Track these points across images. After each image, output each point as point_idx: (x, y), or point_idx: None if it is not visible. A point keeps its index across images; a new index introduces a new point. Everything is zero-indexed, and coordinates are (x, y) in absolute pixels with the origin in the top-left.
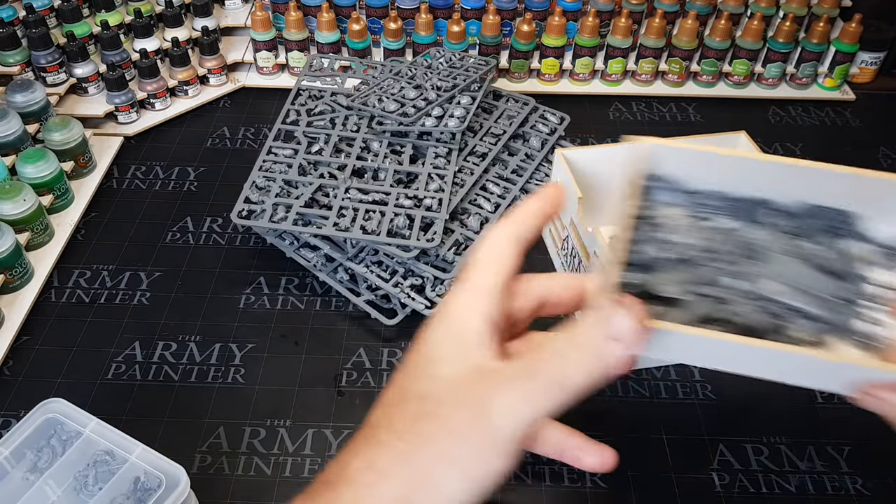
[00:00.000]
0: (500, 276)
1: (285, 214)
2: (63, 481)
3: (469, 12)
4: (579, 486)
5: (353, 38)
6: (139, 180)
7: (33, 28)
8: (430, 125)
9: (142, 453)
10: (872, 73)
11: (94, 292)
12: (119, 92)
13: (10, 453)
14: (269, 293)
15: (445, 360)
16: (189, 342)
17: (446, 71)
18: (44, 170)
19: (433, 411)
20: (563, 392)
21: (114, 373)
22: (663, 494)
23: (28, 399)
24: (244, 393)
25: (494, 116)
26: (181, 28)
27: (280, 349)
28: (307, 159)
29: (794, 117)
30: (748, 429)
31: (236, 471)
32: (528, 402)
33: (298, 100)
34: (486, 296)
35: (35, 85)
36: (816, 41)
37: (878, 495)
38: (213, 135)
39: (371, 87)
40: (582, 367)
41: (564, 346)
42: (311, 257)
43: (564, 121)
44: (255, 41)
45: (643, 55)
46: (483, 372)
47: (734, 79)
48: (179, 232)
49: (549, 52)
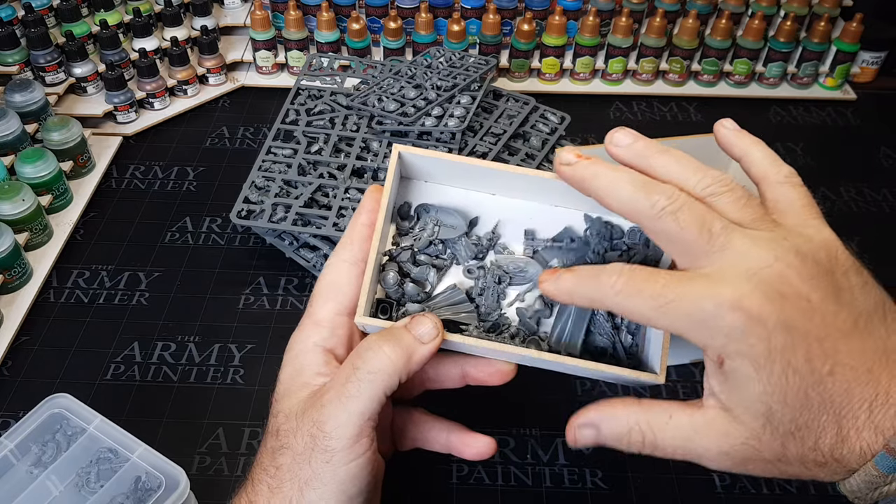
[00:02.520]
0: (336, 304)
1: (285, 214)
2: (66, 477)
3: (469, 11)
4: (579, 486)
5: (352, 38)
6: (138, 180)
7: (32, 27)
8: (430, 125)
9: (143, 453)
10: (873, 72)
11: (93, 292)
12: (118, 91)
13: (16, 446)
14: (269, 293)
15: (288, 395)
16: (188, 343)
17: (446, 70)
18: (43, 170)
19: (284, 443)
20: (382, 380)
21: (113, 373)
22: (664, 495)
23: (27, 399)
24: (243, 394)
25: (494, 116)
26: (180, 27)
27: (280, 350)
28: (306, 159)
29: (794, 117)
30: None
31: (236, 472)
32: (349, 399)
33: (298, 99)
34: (320, 328)
35: (34, 84)
36: (817, 41)
37: None
38: (212, 134)
39: (371, 87)
40: (394, 356)
41: (378, 342)
42: (311, 257)
43: (565, 120)
44: (255, 40)
45: (644, 54)
46: (315, 394)
47: (735, 78)
48: (178, 232)
49: (549, 51)
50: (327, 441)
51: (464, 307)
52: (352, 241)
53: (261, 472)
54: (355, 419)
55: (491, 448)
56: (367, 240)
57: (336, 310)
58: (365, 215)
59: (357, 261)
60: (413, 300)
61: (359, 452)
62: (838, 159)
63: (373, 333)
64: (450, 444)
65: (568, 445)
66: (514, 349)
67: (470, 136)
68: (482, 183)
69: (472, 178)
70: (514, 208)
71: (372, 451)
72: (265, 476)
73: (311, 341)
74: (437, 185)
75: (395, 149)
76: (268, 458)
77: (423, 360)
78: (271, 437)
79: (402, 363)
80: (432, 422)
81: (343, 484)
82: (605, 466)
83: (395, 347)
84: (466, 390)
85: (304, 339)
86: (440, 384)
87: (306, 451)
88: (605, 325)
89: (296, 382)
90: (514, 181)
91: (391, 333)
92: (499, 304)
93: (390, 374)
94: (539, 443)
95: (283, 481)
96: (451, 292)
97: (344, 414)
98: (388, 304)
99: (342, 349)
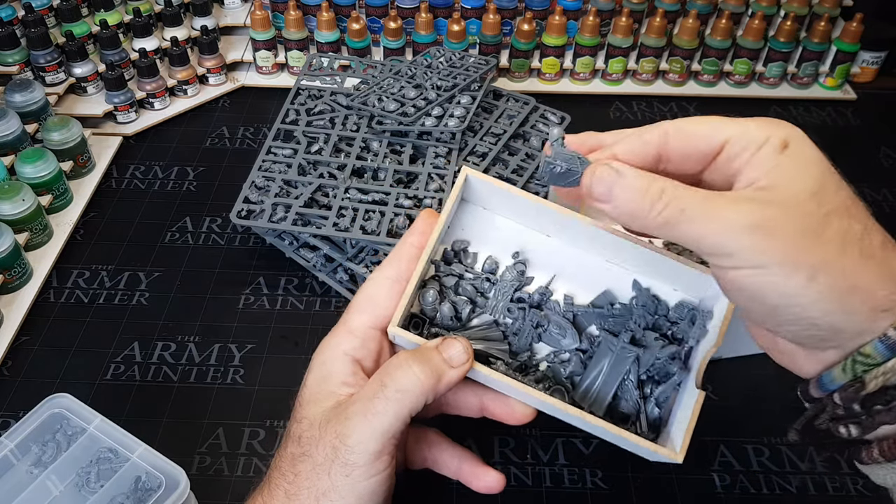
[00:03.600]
0: (371, 318)
1: (285, 214)
2: (66, 477)
3: (469, 11)
4: (579, 486)
5: (352, 38)
6: (138, 180)
7: (32, 27)
8: (430, 125)
9: (143, 453)
10: (874, 72)
11: (93, 292)
12: (118, 91)
13: (16, 446)
14: (269, 293)
15: (313, 402)
16: (188, 343)
17: (446, 70)
18: (43, 170)
19: (305, 451)
20: (410, 400)
21: (112, 373)
22: (664, 495)
23: (27, 399)
24: (244, 393)
25: (494, 116)
26: (180, 27)
27: (279, 349)
28: (307, 159)
29: (794, 117)
30: (749, 429)
31: (236, 472)
32: (375, 415)
33: (298, 99)
34: (352, 337)
35: (34, 84)
36: (817, 40)
37: (879, 496)
38: (212, 134)
39: (371, 87)
40: (423, 377)
41: (408, 361)
42: (311, 257)
43: (565, 120)
44: (255, 40)
45: (644, 54)
46: (341, 404)
47: (735, 78)
48: (178, 232)
49: (549, 51)
50: (349, 455)
51: (497, 343)
52: (399, 259)
53: (279, 476)
54: (378, 436)
55: (500, 484)
56: (414, 260)
57: (370, 322)
58: (415, 237)
59: (400, 279)
60: (445, 323)
61: (379, 469)
62: (838, 159)
63: (403, 352)
64: (460, 472)
65: (587, 188)
66: (538, 394)
67: (470, 136)
68: (539, 222)
69: (531, 215)
70: (564, 255)
71: (392, 468)
72: (283, 481)
73: (341, 349)
74: (493, 215)
75: (463, 171)
76: (287, 464)
77: (451, 384)
78: (293, 443)
79: (430, 385)
80: (446, 445)
81: (361, 499)
82: (605, 466)
83: (425, 368)
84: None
85: (335, 346)
86: (457, 410)
87: (326, 462)
88: (634, 392)
89: (322, 390)
90: (576, 228)
91: (422, 354)
92: (531, 348)
93: (418, 394)
94: (539, 443)
95: (301, 489)
96: (489, 327)
97: (368, 430)
98: (420, 320)
99: (371, 362)
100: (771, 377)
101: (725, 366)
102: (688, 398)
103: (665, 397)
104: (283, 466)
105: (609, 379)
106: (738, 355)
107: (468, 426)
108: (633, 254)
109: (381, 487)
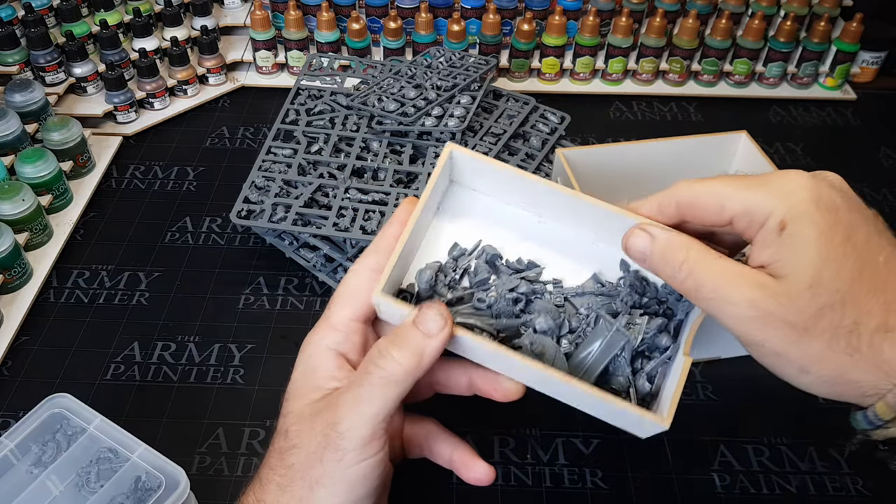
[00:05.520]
0: (353, 311)
1: (285, 214)
2: (66, 477)
3: (469, 11)
4: (579, 486)
5: (352, 38)
6: (138, 180)
7: (32, 27)
8: (430, 125)
9: (143, 453)
10: (873, 72)
11: (93, 292)
12: (118, 91)
13: (16, 446)
14: (269, 293)
15: (299, 396)
16: (188, 343)
17: (446, 70)
18: (42, 170)
19: (295, 444)
20: (395, 385)
21: (112, 373)
22: (664, 495)
23: (27, 399)
24: (243, 393)
25: (494, 116)
26: (180, 27)
27: (279, 349)
28: (307, 159)
29: (794, 117)
30: (749, 429)
31: (236, 472)
32: (364, 402)
33: (298, 99)
34: (335, 332)
35: (34, 84)
36: (817, 41)
37: (879, 496)
38: (212, 134)
39: (371, 87)
40: (404, 360)
41: (387, 348)
42: (311, 257)
43: (565, 120)
44: (255, 40)
45: (644, 54)
46: (329, 396)
47: (735, 78)
48: (178, 232)
49: (549, 51)
50: (340, 441)
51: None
52: (377, 251)
53: (269, 471)
54: (368, 420)
55: (490, 476)
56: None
57: (352, 315)
58: (395, 226)
59: (381, 269)
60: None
61: (371, 453)
62: (838, 159)
63: (382, 339)
64: (452, 461)
65: (623, 253)
66: (522, 360)
67: (470, 136)
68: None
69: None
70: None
71: (384, 452)
72: (274, 475)
73: (325, 344)
74: (484, 198)
75: (447, 147)
76: (276, 458)
77: (434, 355)
78: (280, 438)
79: (412, 366)
80: (442, 435)
81: (353, 483)
82: (605, 466)
83: (404, 351)
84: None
85: (318, 340)
86: (449, 389)
87: (318, 449)
88: (626, 367)
89: (307, 384)
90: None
91: (399, 337)
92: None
93: (402, 378)
94: (539, 443)
95: (294, 479)
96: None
97: (358, 416)
98: (409, 294)
99: (355, 355)
100: (771, 377)
101: (725, 366)
102: (675, 367)
103: (656, 372)
104: (272, 462)
105: (600, 357)
106: (738, 355)
107: (469, 425)
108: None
109: (374, 472)
